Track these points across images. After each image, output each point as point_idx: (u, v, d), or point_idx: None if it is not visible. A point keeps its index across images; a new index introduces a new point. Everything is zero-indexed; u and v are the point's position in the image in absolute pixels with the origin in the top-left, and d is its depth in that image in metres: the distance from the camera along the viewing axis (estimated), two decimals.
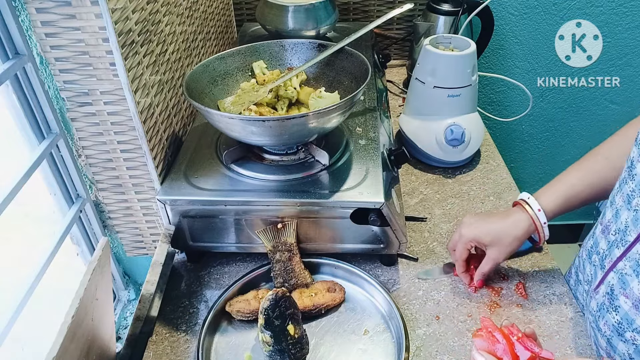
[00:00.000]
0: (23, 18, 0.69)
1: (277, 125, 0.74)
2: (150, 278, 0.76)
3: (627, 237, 0.63)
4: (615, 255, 0.65)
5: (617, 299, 0.64)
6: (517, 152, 1.83)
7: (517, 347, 0.56)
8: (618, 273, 0.64)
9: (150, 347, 0.74)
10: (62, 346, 0.51)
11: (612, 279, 0.66)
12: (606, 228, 0.70)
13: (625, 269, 0.63)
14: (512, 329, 0.58)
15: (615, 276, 0.65)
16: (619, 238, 0.65)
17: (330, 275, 0.83)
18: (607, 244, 0.69)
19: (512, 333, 0.57)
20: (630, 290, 0.62)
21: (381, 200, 0.75)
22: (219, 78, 0.91)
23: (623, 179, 0.67)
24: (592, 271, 0.73)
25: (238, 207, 0.78)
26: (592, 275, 0.73)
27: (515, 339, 0.57)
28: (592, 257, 0.73)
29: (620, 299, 0.64)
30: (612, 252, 0.67)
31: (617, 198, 0.67)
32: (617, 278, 0.64)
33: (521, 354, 0.56)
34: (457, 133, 1.04)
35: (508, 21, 1.51)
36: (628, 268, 0.62)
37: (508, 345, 0.56)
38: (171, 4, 0.88)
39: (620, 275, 0.64)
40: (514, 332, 0.58)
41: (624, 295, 0.63)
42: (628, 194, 0.64)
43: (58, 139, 0.82)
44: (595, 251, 0.72)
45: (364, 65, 0.85)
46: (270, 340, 0.67)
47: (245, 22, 1.41)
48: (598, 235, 0.72)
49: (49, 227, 0.86)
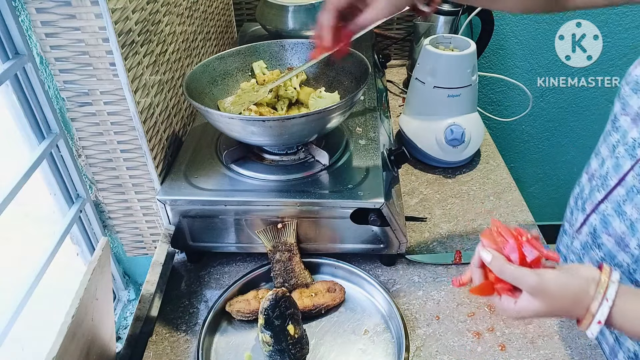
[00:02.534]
0: (23, 18, 0.69)
1: (277, 125, 0.74)
2: (150, 278, 0.76)
3: (608, 182, 0.68)
4: (596, 198, 0.70)
5: (600, 238, 0.69)
6: (517, 152, 1.83)
7: (525, 246, 0.56)
8: (600, 214, 0.69)
9: (150, 347, 0.74)
10: (62, 346, 0.51)
11: (595, 219, 0.70)
12: (592, 176, 0.74)
13: (607, 210, 0.67)
14: (521, 231, 0.58)
15: (597, 217, 0.69)
16: (600, 183, 0.70)
17: (330, 275, 0.83)
18: (590, 189, 0.73)
19: (521, 234, 0.57)
20: (613, 229, 0.66)
21: (381, 200, 0.75)
22: (219, 78, 0.91)
23: (607, 131, 0.71)
24: (576, 215, 0.76)
25: (238, 207, 0.78)
26: (575, 219, 0.76)
27: (524, 239, 0.57)
28: (577, 203, 0.77)
29: (603, 237, 0.68)
30: (593, 196, 0.71)
31: (602, 149, 0.72)
32: (599, 219, 0.69)
33: (528, 253, 0.56)
34: (457, 133, 1.04)
35: (508, 21, 1.51)
36: (610, 209, 0.67)
37: (516, 244, 0.56)
38: (171, 4, 0.88)
39: (602, 216, 0.68)
40: (523, 233, 0.58)
41: (607, 233, 0.67)
42: (613, 144, 0.68)
43: (58, 139, 0.82)
44: (580, 196, 0.77)
45: (364, 65, 0.85)
46: (270, 340, 0.67)
47: (245, 22, 1.41)
48: (585, 183, 0.76)
49: (49, 227, 0.86)
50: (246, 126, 0.75)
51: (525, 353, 0.71)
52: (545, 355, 0.71)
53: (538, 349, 0.72)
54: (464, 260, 0.85)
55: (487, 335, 0.74)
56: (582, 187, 0.77)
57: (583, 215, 0.73)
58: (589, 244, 0.71)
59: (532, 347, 0.72)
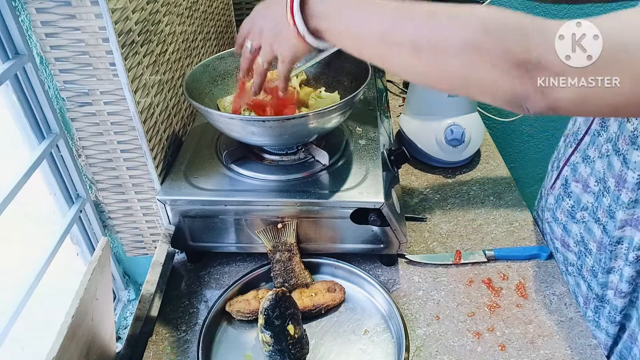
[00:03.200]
0: (23, 18, 0.69)
1: (277, 125, 0.74)
2: (150, 278, 0.76)
3: (579, 136, 0.72)
4: (568, 152, 0.75)
5: (570, 186, 0.73)
6: (517, 152, 1.83)
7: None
8: (571, 165, 0.74)
9: (150, 347, 0.74)
10: (62, 346, 0.51)
11: (566, 171, 0.75)
12: (566, 136, 0.79)
13: (576, 159, 0.72)
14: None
15: (569, 169, 0.74)
16: (572, 139, 0.74)
17: (330, 275, 0.83)
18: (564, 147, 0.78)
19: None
20: (579, 174, 0.70)
21: (381, 200, 0.75)
22: (218, 78, 0.91)
23: None
24: (551, 175, 0.81)
25: (238, 207, 0.78)
26: (551, 177, 0.80)
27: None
28: (554, 164, 0.83)
29: (572, 186, 0.73)
30: (566, 152, 0.76)
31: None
32: (570, 169, 0.73)
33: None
34: (457, 133, 1.04)
35: None
36: (578, 157, 0.71)
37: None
38: (171, 4, 0.88)
39: (572, 166, 0.73)
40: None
41: (575, 180, 0.72)
42: None
43: (58, 139, 0.82)
44: (557, 158, 0.82)
45: (363, 65, 0.85)
46: (270, 340, 0.67)
47: None
48: (561, 144, 0.81)
49: (49, 227, 0.86)
50: (246, 126, 0.75)
51: (525, 353, 0.72)
52: (545, 355, 0.71)
53: (538, 349, 0.72)
54: (463, 260, 0.86)
55: (487, 335, 0.74)
56: (558, 149, 0.82)
57: (557, 172, 0.78)
58: (561, 195, 0.75)
59: (532, 347, 0.72)
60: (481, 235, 0.92)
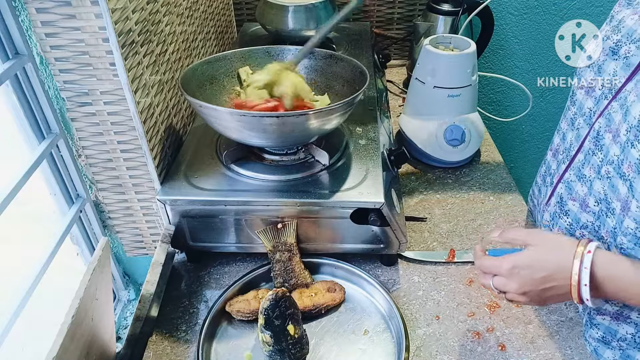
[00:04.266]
0: (23, 18, 0.69)
1: (277, 124, 0.73)
2: (150, 278, 0.76)
3: (572, 153, 0.72)
4: (562, 169, 0.74)
5: (567, 205, 0.71)
6: (517, 152, 1.83)
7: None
8: (565, 183, 0.72)
9: (150, 347, 0.74)
10: (62, 346, 0.51)
11: (561, 189, 0.73)
12: (556, 151, 0.78)
13: (570, 177, 0.71)
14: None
15: (563, 186, 0.73)
16: (565, 155, 0.74)
17: (330, 275, 0.83)
18: (556, 163, 0.77)
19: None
20: (576, 193, 0.69)
21: (381, 200, 0.75)
22: (206, 82, 0.89)
23: (567, 106, 0.76)
24: (544, 191, 0.80)
25: (238, 207, 0.78)
26: (545, 194, 0.79)
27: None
28: (546, 180, 0.81)
29: (569, 204, 0.71)
30: (559, 168, 0.75)
31: (562, 124, 0.77)
32: (565, 187, 0.72)
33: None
34: (457, 133, 1.04)
35: (508, 21, 1.51)
36: (572, 176, 0.71)
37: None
38: (171, 4, 0.88)
39: (567, 184, 0.72)
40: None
41: (572, 199, 0.70)
42: (571, 118, 0.73)
43: (58, 139, 0.82)
44: (548, 173, 0.80)
45: (357, 69, 0.85)
46: (270, 340, 0.67)
47: (245, 22, 1.41)
48: (550, 159, 0.80)
49: (49, 227, 0.86)
50: (243, 122, 0.74)
51: (525, 353, 0.72)
52: (545, 355, 0.71)
53: (538, 349, 0.72)
54: (457, 259, 0.86)
55: (487, 335, 0.74)
56: (548, 164, 0.81)
57: (551, 188, 0.77)
58: (557, 213, 0.74)
59: (532, 347, 0.72)
60: (481, 235, 0.92)
